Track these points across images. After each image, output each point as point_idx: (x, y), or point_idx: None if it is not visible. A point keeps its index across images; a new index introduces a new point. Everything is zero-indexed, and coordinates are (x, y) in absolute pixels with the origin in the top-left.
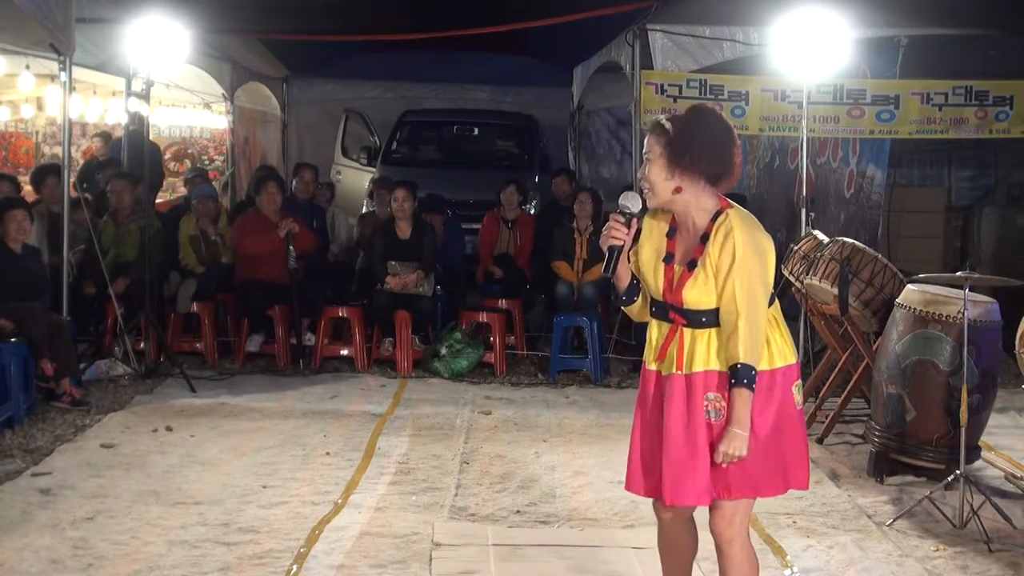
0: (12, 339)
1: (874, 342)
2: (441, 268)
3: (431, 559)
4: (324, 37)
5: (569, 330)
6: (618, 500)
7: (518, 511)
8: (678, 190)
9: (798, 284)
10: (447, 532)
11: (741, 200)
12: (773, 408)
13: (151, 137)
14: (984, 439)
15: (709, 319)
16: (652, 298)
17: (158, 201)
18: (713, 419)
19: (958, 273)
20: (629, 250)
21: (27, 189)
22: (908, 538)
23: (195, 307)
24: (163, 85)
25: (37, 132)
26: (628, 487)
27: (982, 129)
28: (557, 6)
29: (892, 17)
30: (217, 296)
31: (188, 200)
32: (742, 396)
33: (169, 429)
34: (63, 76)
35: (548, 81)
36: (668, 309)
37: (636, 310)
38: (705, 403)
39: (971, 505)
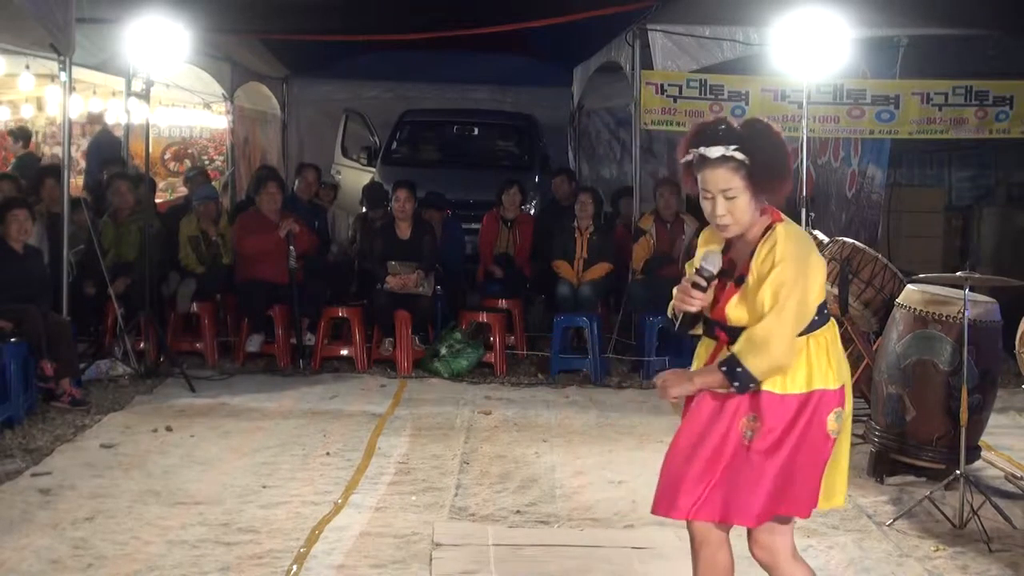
0: (12, 339)
1: (874, 342)
2: (441, 268)
3: (431, 559)
4: (324, 37)
5: (569, 330)
6: (618, 500)
7: (518, 511)
8: (763, 211)
9: None
10: (447, 532)
11: None
12: (798, 430)
13: (151, 137)
14: (984, 439)
15: None
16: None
17: (157, 201)
18: (748, 441)
19: (958, 273)
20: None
21: None
22: (908, 538)
23: (195, 307)
24: (163, 85)
25: (37, 132)
26: (655, 510)
27: (982, 129)
28: (557, 6)
29: (892, 17)
30: (217, 296)
31: (189, 200)
32: (715, 374)
33: (169, 429)
34: (63, 76)
35: (548, 81)
36: (714, 326)
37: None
38: (742, 424)
39: (971, 505)
